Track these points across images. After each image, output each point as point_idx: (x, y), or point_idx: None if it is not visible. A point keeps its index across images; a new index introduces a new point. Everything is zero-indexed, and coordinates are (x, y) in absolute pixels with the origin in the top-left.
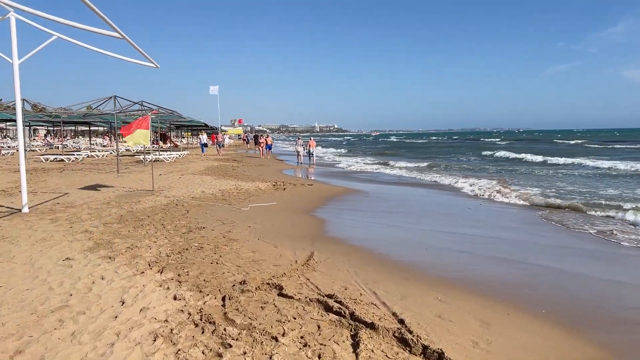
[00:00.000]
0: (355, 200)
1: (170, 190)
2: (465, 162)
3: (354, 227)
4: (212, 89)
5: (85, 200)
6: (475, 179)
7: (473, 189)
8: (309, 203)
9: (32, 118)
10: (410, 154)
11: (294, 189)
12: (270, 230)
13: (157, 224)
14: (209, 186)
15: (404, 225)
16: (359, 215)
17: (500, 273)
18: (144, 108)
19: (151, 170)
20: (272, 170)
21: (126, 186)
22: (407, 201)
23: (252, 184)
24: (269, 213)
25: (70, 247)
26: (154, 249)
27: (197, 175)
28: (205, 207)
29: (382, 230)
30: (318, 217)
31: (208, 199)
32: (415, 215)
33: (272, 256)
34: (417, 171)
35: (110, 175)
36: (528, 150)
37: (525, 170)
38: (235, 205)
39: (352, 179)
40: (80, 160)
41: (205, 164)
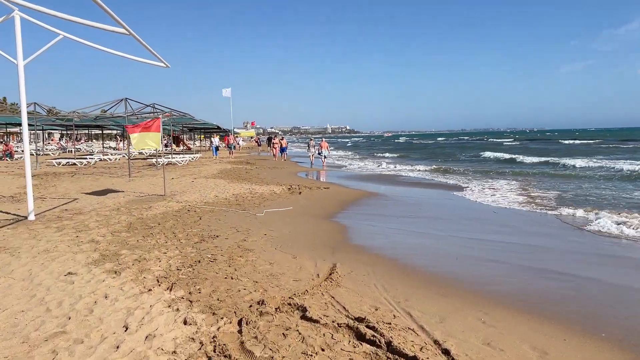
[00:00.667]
0: (373, 204)
1: (182, 194)
2: (479, 163)
3: (375, 233)
4: (225, 91)
5: (94, 207)
6: (492, 180)
7: (493, 193)
8: (326, 208)
9: (44, 122)
10: (424, 155)
11: (310, 193)
12: (287, 238)
13: (167, 232)
14: (222, 190)
15: (427, 231)
16: (379, 220)
17: (542, 287)
18: (156, 110)
19: (163, 174)
20: (286, 173)
21: (137, 191)
22: (428, 205)
23: (266, 187)
24: (285, 219)
25: (74, 260)
26: (164, 262)
27: (210, 178)
28: (218, 212)
29: (405, 237)
30: (337, 223)
31: (221, 204)
32: (439, 220)
33: (292, 269)
34: (433, 173)
35: (122, 179)
36: (537, 152)
37: (537, 172)
38: (250, 211)
39: (367, 181)
40: (93, 164)
41: (218, 167)
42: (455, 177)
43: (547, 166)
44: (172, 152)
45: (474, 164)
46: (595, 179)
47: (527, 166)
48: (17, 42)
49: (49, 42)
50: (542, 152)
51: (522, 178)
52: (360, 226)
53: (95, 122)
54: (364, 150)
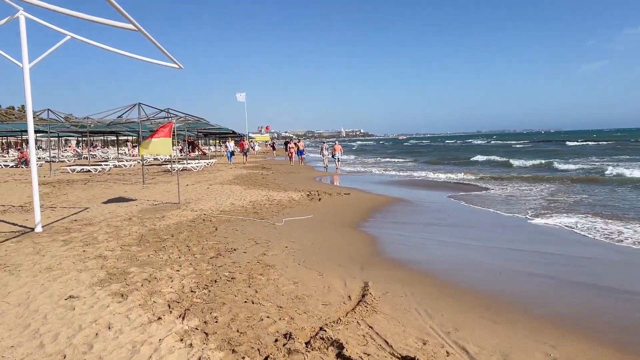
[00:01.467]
0: (397, 211)
1: (197, 202)
2: (497, 167)
3: (405, 244)
4: (239, 95)
5: (105, 216)
6: (516, 182)
7: (519, 197)
8: (348, 215)
9: (60, 128)
10: (442, 158)
11: (330, 199)
12: (310, 251)
13: (181, 245)
14: (238, 197)
15: (459, 241)
16: (406, 229)
17: (610, 309)
18: (170, 115)
19: (177, 182)
20: (303, 178)
21: (151, 199)
22: (455, 211)
23: (284, 194)
24: (306, 228)
25: (77, 280)
26: (176, 281)
27: (226, 185)
28: (235, 222)
29: (438, 248)
30: (361, 232)
31: (238, 213)
32: (468, 228)
33: (319, 289)
34: (448, 174)
35: (136, 186)
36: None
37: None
38: (268, 220)
39: (387, 185)
40: (107, 171)
41: (234, 173)
42: (476, 181)
43: (548, 170)
44: (187, 158)
45: (489, 166)
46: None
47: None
48: (23, 44)
49: (56, 44)
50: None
51: (552, 183)
52: (387, 236)
53: (109, 128)
54: (382, 153)
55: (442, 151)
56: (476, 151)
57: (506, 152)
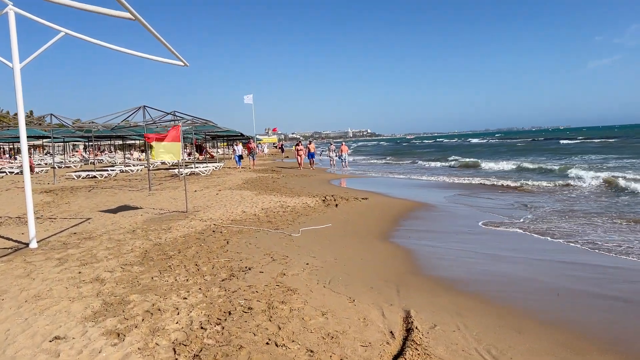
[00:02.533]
0: (423, 218)
1: (206, 210)
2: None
3: (441, 258)
4: (247, 97)
5: (107, 228)
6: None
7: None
8: (370, 224)
9: (64, 133)
10: (455, 155)
11: (348, 205)
12: (335, 269)
13: (189, 263)
14: (250, 204)
15: (499, 252)
16: (437, 238)
17: None
18: (177, 118)
19: (185, 188)
20: (315, 181)
21: (157, 207)
22: (482, 217)
23: (298, 199)
24: (326, 240)
25: (67, 313)
26: (184, 314)
27: (236, 190)
28: (248, 233)
29: (478, 262)
30: (389, 244)
31: (251, 222)
32: (503, 236)
33: (353, 322)
34: (459, 175)
35: (142, 193)
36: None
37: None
38: (284, 230)
39: (405, 188)
40: (113, 177)
41: (244, 177)
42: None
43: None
44: (196, 162)
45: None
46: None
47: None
48: (13, 42)
49: (49, 41)
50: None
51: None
52: (417, 248)
53: (115, 133)
54: (392, 153)
55: (427, 150)
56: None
57: (486, 152)
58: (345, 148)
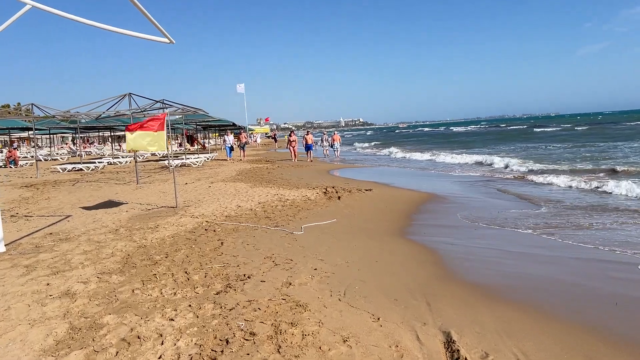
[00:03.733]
0: (435, 211)
1: (198, 205)
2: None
3: (468, 258)
4: (239, 87)
5: (87, 227)
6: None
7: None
8: (379, 218)
9: (49, 125)
10: (455, 145)
11: (351, 197)
12: (348, 275)
13: (178, 270)
14: (245, 197)
15: (531, 250)
16: (456, 234)
17: None
18: (166, 107)
19: (175, 181)
20: (313, 172)
21: (145, 202)
22: (499, 208)
23: (296, 192)
24: (332, 238)
25: (23, 343)
26: (169, 344)
27: (230, 182)
28: (244, 231)
29: (509, 262)
30: (404, 242)
31: (247, 218)
32: (529, 229)
33: (384, 353)
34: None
35: (129, 186)
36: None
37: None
38: (285, 227)
39: (409, 178)
40: (101, 169)
41: (237, 168)
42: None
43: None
44: (187, 152)
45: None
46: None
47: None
48: None
49: (13, 15)
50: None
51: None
52: (436, 246)
53: (100, 123)
54: (387, 142)
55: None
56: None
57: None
58: (337, 137)
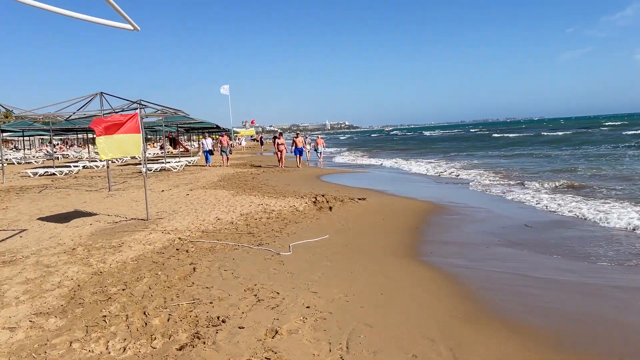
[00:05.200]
0: (439, 224)
1: (172, 217)
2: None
3: (490, 288)
4: (223, 88)
5: (40, 245)
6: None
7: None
8: (377, 234)
9: (22, 126)
10: (435, 150)
11: (344, 208)
12: (349, 315)
13: (135, 310)
14: (226, 208)
15: (557, 276)
16: (468, 255)
17: None
18: (143, 107)
19: (146, 190)
20: (299, 178)
21: (113, 212)
22: (508, 219)
23: (283, 201)
24: (325, 260)
25: None
26: None
27: (210, 189)
28: (222, 252)
29: (545, 294)
30: (409, 265)
31: (227, 234)
32: (547, 248)
33: None
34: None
35: (99, 194)
36: None
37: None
38: (270, 246)
39: (402, 184)
40: (75, 174)
41: (219, 172)
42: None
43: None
44: (166, 156)
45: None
46: None
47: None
48: None
49: None
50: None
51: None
52: (452, 270)
53: (74, 124)
54: (376, 147)
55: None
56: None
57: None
58: (321, 141)
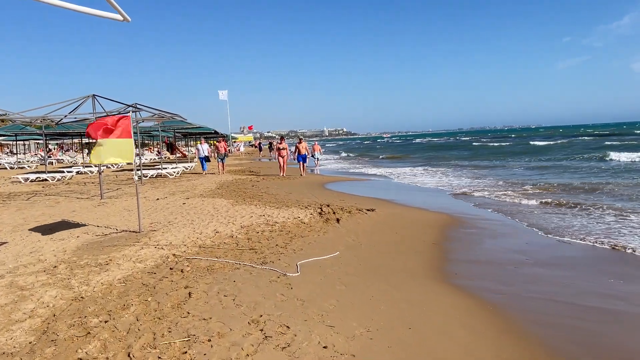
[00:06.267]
0: (459, 240)
1: (167, 229)
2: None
3: (534, 321)
4: (221, 93)
5: (19, 262)
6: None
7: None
8: (392, 250)
9: (14, 130)
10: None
11: (352, 220)
12: (376, 357)
13: (117, 351)
14: (225, 219)
15: (615, 305)
16: (500, 276)
17: None
18: (138, 111)
19: (138, 200)
20: (301, 185)
21: (103, 223)
22: (528, 235)
23: (286, 211)
24: (339, 284)
25: None
26: None
27: (208, 198)
28: (222, 271)
29: (609, 329)
30: (436, 290)
31: (226, 250)
32: (580, 266)
33: None
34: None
35: (90, 202)
36: None
37: None
38: (275, 265)
39: (407, 193)
40: (68, 179)
41: (217, 179)
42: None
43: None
44: (162, 162)
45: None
46: None
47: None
48: None
49: None
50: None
51: None
52: (485, 296)
53: (67, 129)
54: (375, 153)
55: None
56: None
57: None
58: (317, 147)
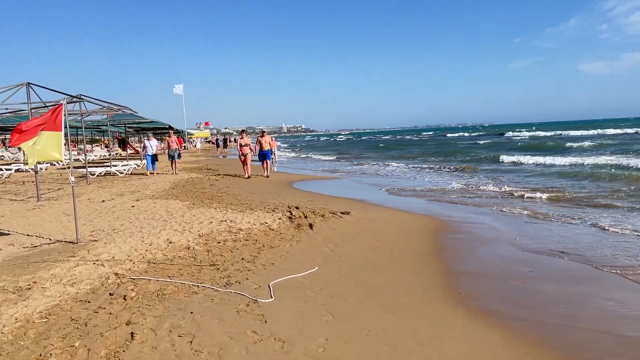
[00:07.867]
0: (451, 248)
1: (110, 238)
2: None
3: (567, 354)
4: (177, 87)
5: None
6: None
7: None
8: (378, 263)
9: None
10: (404, 153)
11: (327, 225)
12: None
13: None
14: (180, 225)
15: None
16: (510, 294)
17: None
18: (82, 102)
19: (75, 205)
20: (265, 184)
21: (35, 231)
22: (515, 236)
23: (251, 215)
24: (325, 311)
25: None
26: None
27: (161, 199)
28: (176, 298)
29: None
30: (441, 316)
31: (182, 266)
32: (596, 280)
33: None
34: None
35: (25, 205)
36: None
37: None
38: (242, 286)
39: (376, 192)
40: (6, 177)
41: (172, 178)
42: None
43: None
44: (112, 159)
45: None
46: None
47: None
48: None
49: None
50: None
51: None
52: (518, 331)
53: (5, 122)
54: (338, 150)
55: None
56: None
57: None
58: (274, 143)
